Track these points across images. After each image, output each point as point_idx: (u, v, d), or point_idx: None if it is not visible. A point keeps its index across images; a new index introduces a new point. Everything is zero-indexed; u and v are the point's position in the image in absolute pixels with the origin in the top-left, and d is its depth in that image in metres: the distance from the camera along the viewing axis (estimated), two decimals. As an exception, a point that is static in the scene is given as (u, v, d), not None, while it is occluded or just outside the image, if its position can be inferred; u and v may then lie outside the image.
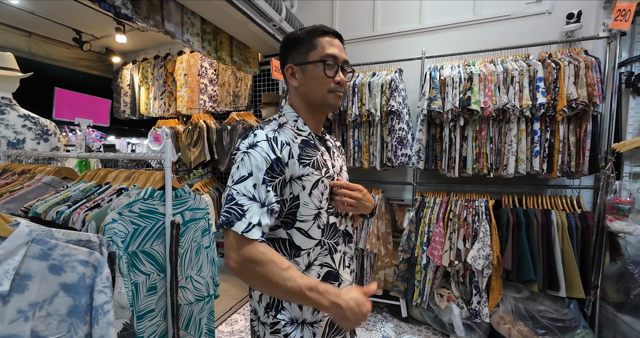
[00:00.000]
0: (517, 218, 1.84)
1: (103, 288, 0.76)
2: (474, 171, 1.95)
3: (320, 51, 0.75)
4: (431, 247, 1.98)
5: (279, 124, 0.75)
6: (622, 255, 1.75)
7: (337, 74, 0.76)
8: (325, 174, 0.76)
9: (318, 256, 0.75)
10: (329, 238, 0.77)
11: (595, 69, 1.70)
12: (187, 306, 1.19)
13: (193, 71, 3.14)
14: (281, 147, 0.69)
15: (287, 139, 0.72)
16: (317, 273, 0.75)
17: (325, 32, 0.77)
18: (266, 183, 0.66)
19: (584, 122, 1.75)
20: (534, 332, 1.73)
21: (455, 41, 2.30)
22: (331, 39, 0.77)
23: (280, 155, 0.68)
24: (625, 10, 1.57)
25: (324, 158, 0.78)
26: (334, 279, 0.78)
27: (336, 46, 0.77)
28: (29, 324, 0.66)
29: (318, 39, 0.76)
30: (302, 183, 0.71)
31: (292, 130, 0.76)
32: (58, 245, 0.71)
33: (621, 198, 1.67)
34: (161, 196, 1.05)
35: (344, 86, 0.79)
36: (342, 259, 0.80)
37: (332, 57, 0.75)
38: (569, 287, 1.72)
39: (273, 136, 0.70)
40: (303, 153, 0.73)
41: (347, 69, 0.79)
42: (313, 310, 0.74)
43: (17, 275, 0.65)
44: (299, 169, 0.70)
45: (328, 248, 0.76)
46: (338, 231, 0.80)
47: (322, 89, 0.76)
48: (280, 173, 0.68)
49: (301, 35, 0.78)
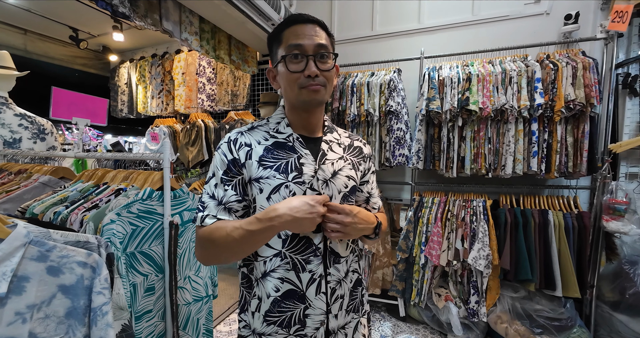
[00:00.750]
0: (514, 218, 1.85)
1: (101, 290, 0.75)
2: (472, 171, 1.96)
3: (285, 44, 0.67)
4: (429, 247, 1.99)
5: (252, 127, 0.75)
6: (618, 254, 1.77)
7: (307, 66, 0.66)
8: (294, 180, 0.67)
9: (277, 268, 0.67)
10: (293, 253, 0.67)
11: (592, 70, 1.71)
12: (185, 306, 1.18)
13: (191, 70, 3.13)
14: (239, 148, 0.69)
15: (251, 140, 0.70)
16: (274, 286, 0.67)
17: (292, 22, 0.68)
18: (224, 183, 0.68)
19: (582, 123, 1.76)
20: (530, 331, 1.75)
21: (454, 41, 2.30)
22: (299, 26, 0.67)
23: (236, 156, 0.69)
24: (622, 11, 1.58)
25: (300, 161, 0.69)
26: (299, 300, 0.67)
27: (305, 33, 0.66)
28: (27, 326, 0.66)
29: (285, 31, 0.68)
30: (259, 186, 0.67)
31: (265, 132, 0.73)
32: (56, 247, 0.71)
33: (617, 199, 1.68)
34: (160, 196, 1.05)
35: (327, 76, 0.68)
36: (316, 282, 0.68)
37: (295, 47, 0.66)
38: (565, 287, 1.73)
39: (235, 138, 0.71)
40: (268, 155, 0.69)
41: (326, 54, 0.68)
42: (262, 321, 0.68)
43: (14, 277, 0.65)
44: (257, 171, 0.68)
45: (291, 264, 0.67)
46: (312, 247, 0.68)
47: (292, 88, 0.68)
48: (237, 173, 0.68)
49: (272, 33, 0.71)
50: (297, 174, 0.68)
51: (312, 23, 0.68)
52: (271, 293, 0.67)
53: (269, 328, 0.68)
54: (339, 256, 0.71)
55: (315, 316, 0.68)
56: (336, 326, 0.72)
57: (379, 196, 0.88)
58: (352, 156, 0.78)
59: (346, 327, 0.74)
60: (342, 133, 0.83)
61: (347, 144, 0.80)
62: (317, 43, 0.66)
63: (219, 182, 0.68)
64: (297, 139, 0.72)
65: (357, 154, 0.80)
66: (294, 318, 0.67)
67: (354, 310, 0.77)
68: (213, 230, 0.64)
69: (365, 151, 0.83)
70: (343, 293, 0.73)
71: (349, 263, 0.74)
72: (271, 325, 0.68)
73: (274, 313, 0.67)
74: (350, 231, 0.65)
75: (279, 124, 0.74)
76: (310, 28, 0.67)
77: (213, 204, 0.67)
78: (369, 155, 0.84)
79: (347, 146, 0.80)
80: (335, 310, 0.71)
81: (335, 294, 0.71)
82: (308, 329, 0.68)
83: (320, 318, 0.69)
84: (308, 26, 0.67)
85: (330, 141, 0.77)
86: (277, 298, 0.67)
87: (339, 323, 0.73)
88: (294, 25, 0.67)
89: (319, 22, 0.70)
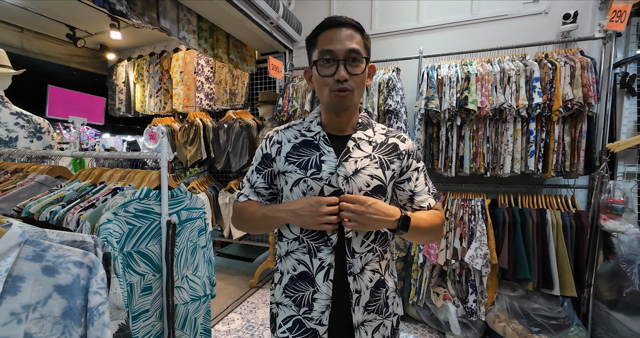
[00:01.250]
0: (512, 218, 1.85)
1: (98, 290, 0.75)
2: (471, 170, 1.96)
3: (318, 49, 0.71)
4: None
5: (288, 125, 0.84)
6: (615, 253, 1.77)
7: (337, 71, 0.69)
8: (312, 175, 0.73)
9: (295, 250, 0.77)
10: (309, 239, 0.75)
11: (590, 69, 1.71)
12: (183, 306, 1.18)
13: (189, 69, 3.11)
14: (272, 145, 0.81)
15: (282, 138, 0.81)
16: (292, 266, 0.78)
17: (326, 26, 0.70)
18: (257, 171, 0.83)
19: (579, 123, 1.76)
20: (528, 329, 1.75)
21: (452, 40, 2.30)
22: (332, 31, 0.70)
23: (269, 151, 0.81)
24: (620, 11, 1.58)
25: (322, 159, 0.74)
26: (310, 283, 0.74)
27: (337, 38, 0.69)
28: (22, 326, 0.65)
29: (319, 36, 0.71)
30: (284, 178, 0.78)
31: (297, 131, 0.82)
32: (52, 246, 0.70)
33: (615, 198, 1.69)
34: (157, 195, 1.04)
35: (357, 80, 0.71)
36: (324, 270, 0.73)
37: (326, 53, 0.69)
38: (562, 286, 1.73)
39: (271, 136, 0.83)
40: (294, 152, 0.78)
41: (358, 58, 0.69)
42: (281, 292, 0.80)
43: (9, 277, 0.64)
44: (283, 165, 0.78)
45: (307, 248, 0.75)
46: (324, 237, 0.73)
47: (323, 91, 0.72)
48: (268, 165, 0.81)
49: (309, 35, 0.75)
50: (315, 171, 0.74)
51: (345, 26, 0.70)
52: (290, 270, 0.78)
53: (285, 300, 0.79)
54: (354, 251, 0.75)
55: (322, 301, 0.74)
56: (356, 321, 0.75)
57: (432, 195, 0.82)
58: (383, 154, 0.77)
59: (365, 324, 0.76)
60: (380, 129, 0.82)
61: (379, 142, 0.79)
62: (348, 48, 0.69)
63: (254, 170, 0.83)
64: (322, 137, 0.78)
65: (389, 152, 0.78)
66: (305, 300, 0.76)
67: (377, 311, 0.77)
68: (243, 206, 0.82)
69: (403, 147, 0.80)
70: (360, 289, 0.75)
71: (366, 261, 0.76)
72: (287, 298, 0.78)
73: (290, 288, 0.78)
74: (364, 221, 0.67)
75: (312, 123, 0.81)
76: (343, 32, 0.69)
77: (248, 186, 0.84)
78: (408, 151, 0.80)
79: (380, 143, 0.79)
80: (356, 301, 0.75)
81: (352, 288, 0.75)
82: (315, 313, 0.75)
83: (326, 303, 0.74)
84: (341, 30, 0.69)
85: (359, 138, 0.78)
86: (293, 276, 0.78)
87: (358, 319, 0.75)
88: (328, 29, 0.70)
89: (353, 24, 0.71)
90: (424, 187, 0.81)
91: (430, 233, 0.77)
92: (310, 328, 0.75)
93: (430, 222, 0.76)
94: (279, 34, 2.54)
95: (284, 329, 0.78)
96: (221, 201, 2.87)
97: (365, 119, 0.82)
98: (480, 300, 1.88)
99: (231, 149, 2.80)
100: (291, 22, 2.53)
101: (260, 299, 2.51)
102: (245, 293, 2.59)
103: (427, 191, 0.82)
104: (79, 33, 3.13)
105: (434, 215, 0.79)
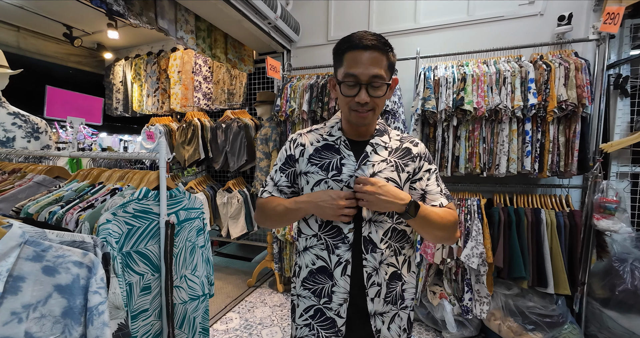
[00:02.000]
0: (508, 217, 1.88)
1: (97, 289, 0.76)
2: (467, 170, 1.98)
3: (344, 70, 0.75)
4: (424, 245, 2.01)
5: (311, 129, 0.92)
6: (608, 252, 1.80)
7: (358, 93, 0.74)
8: (332, 177, 0.81)
9: (314, 246, 0.84)
10: (327, 236, 0.81)
11: (584, 71, 1.73)
12: (182, 305, 1.19)
13: (187, 68, 3.11)
14: (295, 147, 0.88)
15: (306, 141, 0.88)
16: (311, 260, 0.84)
17: (354, 46, 0.73)
18: (281, 171, 0.89)
19: (573, 123, 1.78)
20: (523, 327, 1.78)
21: (449, 41, 2.32)
22: (358, 53, 0.72)
23: (292, 153, 0.88)
24: (614, 13, 1.60)
25: (342, 162, 0.81)
26: (328, 277, 0.81)
27: (362, 62, 0.72)
28: (22, 326, 0.66)
29: (345, 54, 0.75)
30: (306, 178, 0.84)
31: (319, 135, 0.88)
32: (52, 247, 0.71)
33: (608, 197, 1.71)
34: (155, 196, 1.05)
35: (377, 102, 0.76)
36: (341, 266, 0.79)
37: (351, 76, 0.73)
38: (556, 284, 1.76)
39: (295, 138, 0.90)
40: (316, 154, 0.84)
41: (376, 84, 0.74)
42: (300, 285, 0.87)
43: (10, 277, 0.65)
44: (306, 166, 0.84)
45: (325, 244, 0.81)
46: (341, 235, 0.79)
47: (344, 108, 0.79)
48: (291, 165, 0.88)
49: (336, 48, 0.77)
50: (336, 173, 0.81)
51: (371, 49, 0.72)
52: (308, 265, 0.85)
53: (304, 292, 0.85)
54: (376, 246, 0.80)
55: (340, 294, 0.80)
56: (373, 310, 0.81)
57: (445, 195, 0.86)
58: (398, 158, 0.84)
59: (384, 314, 0.83)
60: (395, 135, 0.88)
61: (394, 147, 0.85)
62: (372, 74, 0.72)
63: (278, 169, 0.90)
64: (343, 141, 0.84)
65: (403, 156, 0.84)
66: (324, 292, 0.82)
67: (392, 302, 0.83)
68: (266, 202, 0.88)
69: (415, 151, 0.86)
70: (380, 282, 0.81)
71: (384, 256, 0.81)
72: (306, 290, 0.85)
73: (309, 281, 0.84)
74: (372, 200, 0.73)
75: (333, 128, 0.88)
76: (368, 55, 0.72)
77: (271, 184, 0.90)
78: (420, 154, 0.86)
79: (395, 148, 0.85)
80: (372, 294, 0.80)
81: (371, 280, 0.80)
82: (334, 304, 0.81)
83: (344, 296, 0.80)
84: (367, 53, 0.72)
85: (377, 144, 0.84)
86: (312, 270, 0.84)
87: (376, 309, 0.81)
88: (355, 50, 0.72)
89: (379, 47, 0.72)
90: (435, 187, 0.85)
91: (442, 228, 0.79)
92: (329, 317, 0.81)
93: (441, 216, 0.79)
94: (277, 34, 2.55)
95: (306, 317, 0.85)
96: (219, 200, 2.87)
97: (382, 126, 0.89)
98: (477, 298, 1.90)
99: (229, 149, 2.80)
100: (289, 22, 2.54)
101: (259, 298, 2.52)
102: (244, 293, 2.60)
103: (439, 192, 0.85)
104: (76, 32, 3.12)
105: (446, 211, 0.82)
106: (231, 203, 2.82)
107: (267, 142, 2.49)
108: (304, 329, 0.86)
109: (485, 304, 1.88)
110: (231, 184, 2.90)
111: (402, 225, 0.84)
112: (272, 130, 2.48)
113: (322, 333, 0.82)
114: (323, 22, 2.73)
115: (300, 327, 0.86)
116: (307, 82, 2.34)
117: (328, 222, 0.81)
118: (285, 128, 2.48)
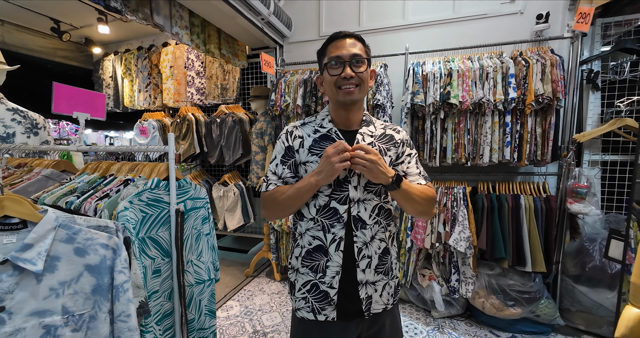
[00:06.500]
0: (490, 203, 2.02)
1: (122, 269, 0.83)
2: (453, 160, 2.11)
3: (327, 57, 0.88)
4: (415, 232, 2.14)
5: (304, 122, 0.98)
6: (580, 233, 1.97)
7: (344, 70, 0.84)
8: None
9: (311, 228, 0.91)
10: (324, 218, 0.90)
11: (559, 66, 1.87)
12: (188, 288, 1.27)
13: (179, 63, 3.12)
14: (294, 139, 0.94)
15: (303, 133, 0.94)
16: (309, 241, 0.92)
17: (334, 38, 0.87)
18: (282, 163, 0.94)
19: (549, 115, 1.93)
20: (504, 303, 1.94)
21: (436, 37, 2.42)
22: (339, 41, 0.86)
23: (291, 144, 0.94)
24: (585, 13, 1.74)
25: None
26: (324, 253, 0.90)
27: (342, 46, 0.85)
28: (59, 300, 0.73)
29: (328, 46, 0.88)
30: (305, 168, 0.91)
31: (312, 127, 0.95)
32: (81, 230, 0.78)
33: (580, 183, 1.87)
34: (166, 186, 1.12)
35: (361, 77, 0.86)
36: (336, 242, 0.88)
37: (334, 58, 0.85)
38: (533, 263, 1.92)
39: (291, 130, 0.95)
40: (315, 144, 0.91)
41: (360, 60, 0.85)
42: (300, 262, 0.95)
43: (47, 257, 0.72)
44: (306, 156, 0.91)
45: (321, 225, 0.90)
46: (337, 215, 0.88)
47: (332, 88, 0.88)
48: (291, 156, 0.93)
49: (320, 48, 0.91)
50: None
51: (349, 37, 0.87)
52: (306, 245, 0.92)
53: (302, 268, 0.94)
54: (365, 223, 0.89)
55: (333, 267, 0.89)
56: (364, 279, 0.90)
57: (422, 176, 0.96)
58: (382, 143, 0.94)
59: (376, 284, 0.92)
60: (379, 125, 0.99)
61: (378, 135, 0.95)
62: (353, 53, 0.85)
63: (279, 162, 0.94)
64: (335, 132, 0.92)
65: (386, 141, 0.95)
66: (319, 267, 0.91)
67: (384, 273, 0.94)
68: (274, 192, 0.91)
69: (398, 137, 0.97)
70: (370, 255, 0.90)
71: (374, 231, 0.91)
72: (304, 267, 0.93)
73: (307, 259, 0.93)
74: (372, 168, 0.81)
75: (323, 120, 0.95)
76: (347, 41, 0.86)
77: (274, 178, 0.93)
78: (403, 140, 0.97)
79: (379, 136, 0.95)
80: (363, 266, 0.89)
81: (362, 253, 0.89)
82: (327, 277, 0.90)
83: (337, 269, 0.89)
84: (346, 40, 0.87)
85: (364, 133, 0.94)
86: (309, 249, 0.92)
87: (367, 278, 0.91)
88: (335, 40, 0.88)
89: (355, 36, 0.89)
90: (415, 169, 0.97)
91: (422, 202, 0.90)
92: (323, 290, 0.90)
93: (421, 190, 0.90)
94: (270, 30, 2.59)
95: (304, 291, 0.93)
96: (215, 194, 2.93)
97: (367, 117, 0.98)
98: (463, 279, 2.05)
99: (224, 143, 2.85)
100: (282, 18, 2.59)
101: (257, 287, 2.61)
102: (242, 282, 2.69)
103: (418, 173, 0.96)
104: (64, 26, 3.07)
105: (426, 188, 0.93)
106: (227, 197, 2.89)
107: (263, 136, 2.56)
108: (300, 302, 0.95)
109: (471, 284, 2.03)
110: (227, 178, 2.96)
111: (388, 205, 0.95)
112: (267, 124, 2.55)
113: (316, 305, 0.91)
114: (315, 18, 2.78)
115: (298, 299, 0.95)
116: (301, 78, 2.41)
117: (325, 205, 0.89)
118: (280, 122, 2.55)
